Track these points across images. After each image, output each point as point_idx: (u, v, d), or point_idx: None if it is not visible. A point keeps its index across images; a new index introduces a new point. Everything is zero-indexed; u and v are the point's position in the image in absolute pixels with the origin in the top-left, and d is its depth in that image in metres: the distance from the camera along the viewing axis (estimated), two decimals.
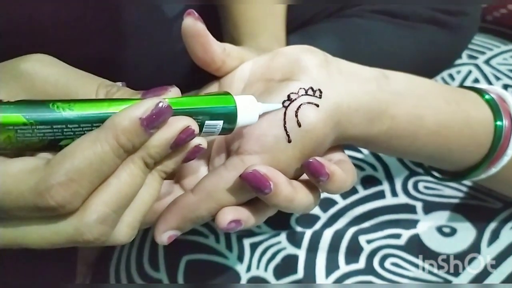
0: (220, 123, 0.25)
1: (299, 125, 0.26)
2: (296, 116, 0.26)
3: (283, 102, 0.27)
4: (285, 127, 0.26)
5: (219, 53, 0.30)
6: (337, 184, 0.26)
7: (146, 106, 0.22)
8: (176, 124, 0.23)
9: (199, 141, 0.25)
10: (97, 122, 0.22)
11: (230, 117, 0.26)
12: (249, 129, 0.27)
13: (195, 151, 0.25)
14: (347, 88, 0.28)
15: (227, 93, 0.26)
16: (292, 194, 0.26)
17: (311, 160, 0.26)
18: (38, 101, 0.22)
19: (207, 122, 0.25)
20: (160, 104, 0.22)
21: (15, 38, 0.47)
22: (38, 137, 0.21)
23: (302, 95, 0.27)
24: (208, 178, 0.28)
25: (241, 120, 0.26)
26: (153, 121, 0.22)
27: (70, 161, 0.21)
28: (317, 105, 0.26)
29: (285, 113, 0.27)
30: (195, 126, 0.24)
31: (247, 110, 0.26)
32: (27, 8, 0.45)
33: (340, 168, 0.27)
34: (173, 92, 0.24)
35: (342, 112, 0.27)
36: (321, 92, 0.27)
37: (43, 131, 0.21)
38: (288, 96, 0.27)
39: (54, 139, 0.22)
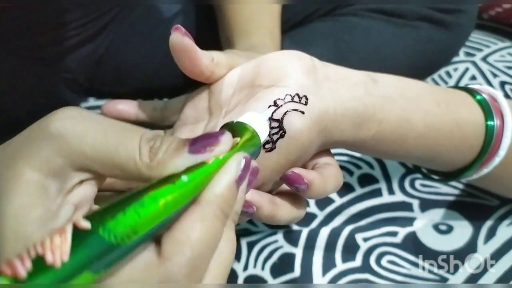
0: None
1: (284, 132, 0.26)
2: (282, 123, 0.26)
3: (268, 107, 0.27)
4: (269, 134, 0.27)
5: (207, 65, 0.30)
6: (316, 192, 0.27)
7: (235, 167, 0.21)
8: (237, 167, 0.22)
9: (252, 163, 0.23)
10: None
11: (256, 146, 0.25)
12: None
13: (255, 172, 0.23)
14: (333, 94, 0.28)
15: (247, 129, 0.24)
16: (273, 212, 0.28)
17: (289, 173, 0.27)
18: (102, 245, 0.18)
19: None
20: (246, 160, 0.22)
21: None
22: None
23: (288, 101, 0.27)
24: None
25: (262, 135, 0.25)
26: (243, 178, 0.22)
27: (189, 247, 0.20)
28: (303, 112, 0.26)
29: (270, 120, 0.27)
30: (247, 157, 0.22)
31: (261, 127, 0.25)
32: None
33: (321, 175, 0.27)
34: (226, 144, 0.21)
35: (328, 118, 0.27)
36: (307, 98, 0.27)
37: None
38: (275, 102, 0.27)
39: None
